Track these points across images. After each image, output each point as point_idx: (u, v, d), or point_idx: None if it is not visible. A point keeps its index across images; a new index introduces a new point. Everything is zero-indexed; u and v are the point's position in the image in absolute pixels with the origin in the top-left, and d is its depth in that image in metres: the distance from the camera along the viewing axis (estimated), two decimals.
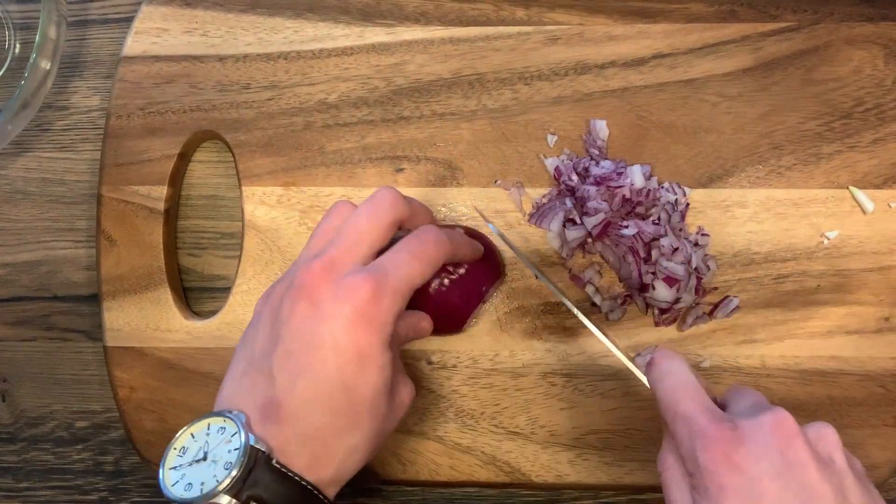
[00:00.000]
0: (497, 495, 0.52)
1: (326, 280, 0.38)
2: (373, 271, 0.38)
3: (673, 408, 0.35)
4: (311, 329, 0.37)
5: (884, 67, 0.51)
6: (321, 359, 0.37)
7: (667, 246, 0.47)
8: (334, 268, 0.38)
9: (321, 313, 0.37)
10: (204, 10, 0.53)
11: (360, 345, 0.37)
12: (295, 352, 0.37)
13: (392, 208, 0.40)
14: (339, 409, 0.37)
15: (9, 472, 0.54)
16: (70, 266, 0.54)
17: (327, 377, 0.37)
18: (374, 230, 0.40)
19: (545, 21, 0.52)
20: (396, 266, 0.39)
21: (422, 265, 0.40)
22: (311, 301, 0.37)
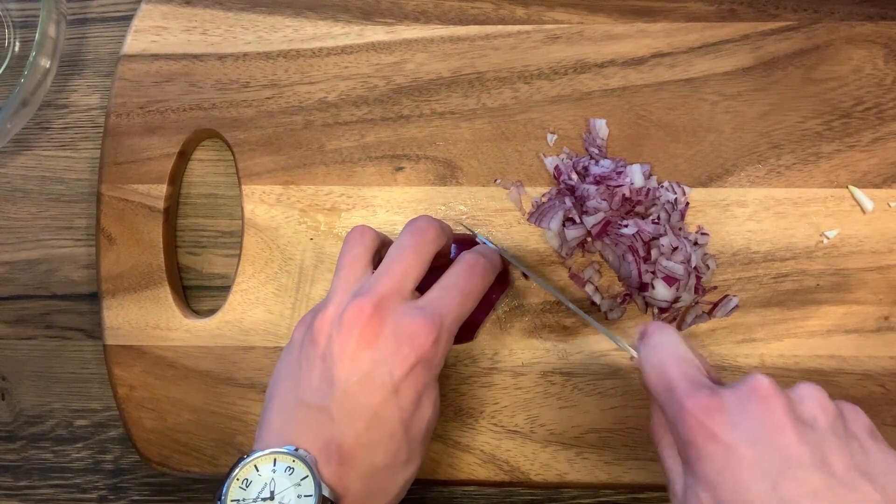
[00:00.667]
0: (496, 494, 0.52)
1: (378, 319, 0.37)
2: (430, 315, 0.38)
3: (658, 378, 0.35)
4: (369, 370, 0.37)
5: (884, 66, 0.51)
6: (384, 401, 0.37)
7: (666, 245, 0.47)
8: (384, 305, 0.38)
9: (378, 355, 0.37)
10: (203, 9, 0.53)
11: (418, 387, 0.38)
12: (354, 394, 0.37)
13: (436, 241, 0.41)
14: (399, 448, 0.38)
15: (8, 471, 0.54)
16: (69, 264, 0.54)
17: (389, 419, 0.37)
18: (420, 264, 0.40)
19: (545, 20, 0.52)
20: (450, 308, 0.39)
21: (471, 301, 0.40)
22: (364, 341, 0.37)
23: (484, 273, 0.41)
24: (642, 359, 0.37)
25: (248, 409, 0.50)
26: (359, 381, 0.37)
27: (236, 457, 0.50)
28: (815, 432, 0.32)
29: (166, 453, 0.50)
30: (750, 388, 0.33)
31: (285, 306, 0.50)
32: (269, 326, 0.50)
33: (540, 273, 0.49)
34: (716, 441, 0.32)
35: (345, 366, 0.37)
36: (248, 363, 0.50)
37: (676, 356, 0.35)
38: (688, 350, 0.36)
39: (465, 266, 0.41)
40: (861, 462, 0.31)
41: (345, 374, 0.37)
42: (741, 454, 0.31)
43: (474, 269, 0.41)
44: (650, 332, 0.37)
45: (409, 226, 0.41)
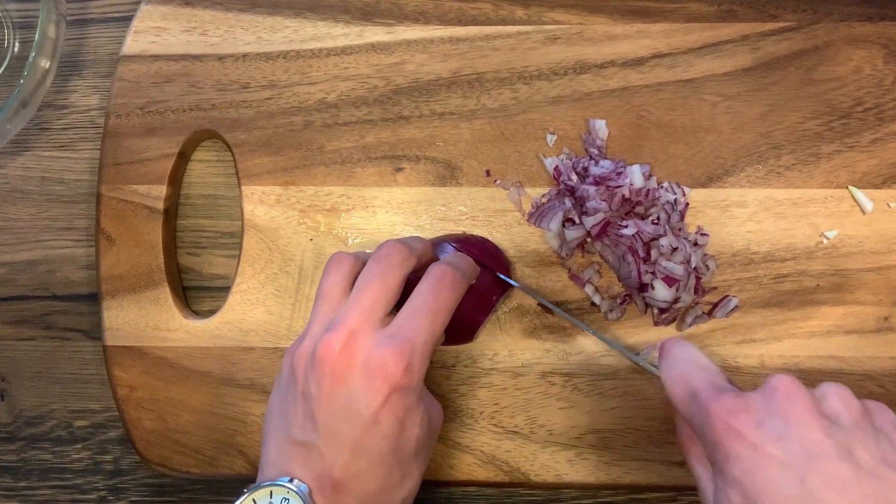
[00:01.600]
0: (496, 494, 0.52)
1: (349, 354, 0.38)
2: (399, 342, 0.38)
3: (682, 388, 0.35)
4: (347, 406, 0.37)
5: (883, 67, 0.51)
6: (365, 433, 0.37)
7: (666, 246, 0.47)
8: (354, 339, 0.38)
9: (353, 390, 0.37)
10: (203, 10, 0.53)
11: (398, 414, 0.38)
12: (336, 429, 0.37)
13: (402, 264, 0.40)
14: (391, 470, 0.38)
15: (8, 472, 0.54)
16: (69, 265, 0.54)
17: (375, 448, 0.38)
18: (388, 291, 0.40)
19: (545, 20, 0.52)
20: (419, 330, 0.38)
21: (443, 315, 0.40)
22: (337, 378, 0.38)
23: (453, 284, 0.40)
24: (664, 372, 0.37)
25: (247, 409, 0.50)
26: (338, 416, 0.38)
27: (236, 457, 0.50)
28: (840, 427, 0.32)
29: (166, 454, 0.50)
30: (773, 388, 0.33)
31: (285, 307, 0.50)
32: (268, 327, 0.50)
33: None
34: (742, 440, 0.32)
35: (322, 403, 0.38)
36: (248, 364, 0.50)
37: (697, 365, 0.36)
38: (707, 359, 0.37)
39: (432, 281, 0.40)
40: (889, 454, 0.32)
41: (324, 412, 0.38)
42: (768, 451, 0.31)
43: (442, 282, 0.40)
44: (669, 346, 0.38)
45: (374, 253, 0.41)
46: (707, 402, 0.33)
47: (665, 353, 0.38)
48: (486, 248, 0.49)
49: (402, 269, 0.40)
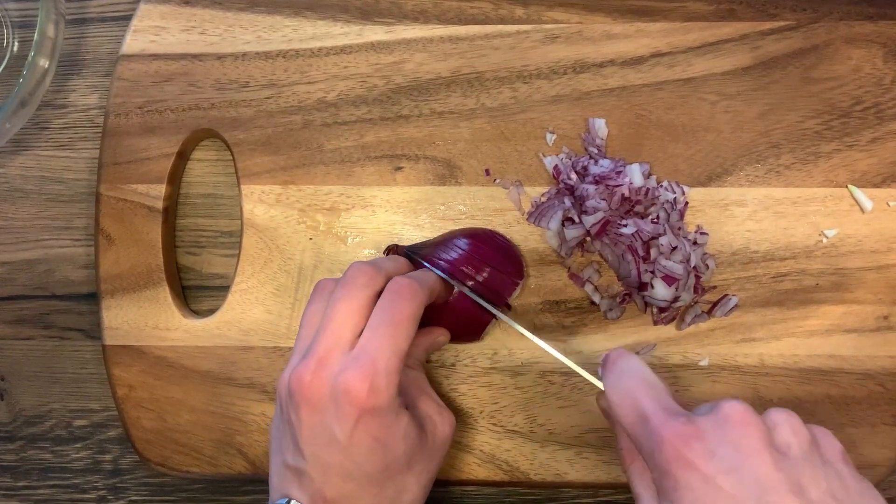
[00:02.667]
0: (496, 494, 0.52)
1: (318, 383, 0.38)
2: (362, 364, 0.38)
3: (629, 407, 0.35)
4: (324, 433, 0.38)
5: (882, 66, 0.51)
6: (346, 457, 0.38)
7: (665, 245, 0.47)
8: (323, 366, 0.38)
9: (327, 418, 0.38)
10: (202, 9, 0.53)
11: (373, 433, 0.38)
12: (319, 455, 0.38)
13: (367, 286, 0.40)
14: (383, 486, 0.39)
15: (7, 471, 0.54)
16: (68, 265, 0.54)
17: (360, 469, 0.38)
18: (352, 315, 0.40)
19: (544, 20, 0.52)
20: (380, 347, 0.38)
21: (404, 329, 0.39)
22: (311, 408, 0.38)
23: (411, 294, 0.40)
24: (609, 388, 0.36)
25: (247, 409, 0.50)
26: (318, 443, 0.38)
27: (235, 457, 0.50)
28: (790, 459, 0.32)
29: (165, 453, 0.50)
30: (725, 415, 0.33)
31: (284, 306, 0.50)
32: (268, 326, 0.50)
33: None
34: (694, 471, 0.32)
35: (303, 432, 0.39)
36: (248, 363, 0.50)
37: (645, 382, 0.35)
38: (654, 375, 0.36)
39: (387, 296, 0.40)
40: (836, 488, 0.32)
41: (305, 440, 0.39)
42: (719, 483, 0.31)
43: (398, 294, 0.40)
44: (613, 359, 0.37)
45: (341, 279, 0.41)
46: (657, 427, 0.33)
47: (609, 367, 0.37)
48: (497, 242, 0.48)
49: (368, 290, 0.40)
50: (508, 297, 0.47)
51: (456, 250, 0.46)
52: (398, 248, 0.48)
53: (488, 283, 0.45)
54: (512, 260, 0.48)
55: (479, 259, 0.45)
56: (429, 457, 0.41)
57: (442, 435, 0.42)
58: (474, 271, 0.45)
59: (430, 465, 0.42)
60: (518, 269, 0.48)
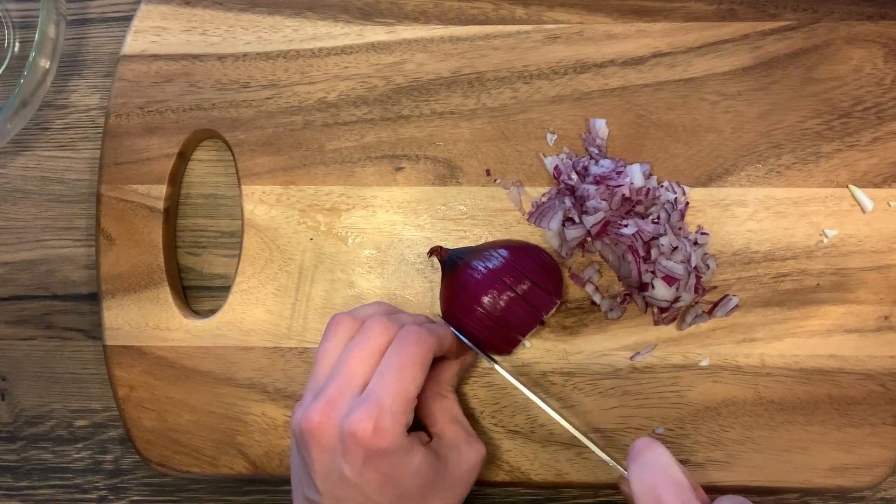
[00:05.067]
0: (497, 494, 0.52)
1: (327, 425, 0.40)
2: (368, 407, 0.39)
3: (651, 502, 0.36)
4: (335, 471, 0.40)
5: (883, 66, 0.51)
6: (357, 490, 0.39)
7: (666, 245, 0.47)
8: (332, 408, 0.40)
9: (335, 457, 0.39)
10: (203, 9, 0.53)
11: (382, 471, 0.39)
12: (332, 492, 0.40)
13: (382, 335, 0.42)
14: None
15: (8, 471, 0.54)
16: (69, 265, 0.54)
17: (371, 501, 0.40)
18: (365, 360, 0.41)
19: (544, 20, 0.52)
20: (387, 390, 0.40)
21: (411, 373, 0.41)
22: (321, 448, 0.40)
23: (417, 339, 0.41)
24: (633, 478, 0.37)
25: (248, 409, 0.50)
26: (331, 481, 0.40)
27: (236, 457, 0.50)
28: None
29: (166, 454, 0.50)
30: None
31: (285, 306, 0.50)
32: (269, 327, 0.50)
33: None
34: None
35: (317, 469, 0.40)
36: (248, 363, 0.50)
37: (670, 479, 0.36)
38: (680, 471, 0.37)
39: (396, 342, 0.42)
40: None
41: (319, 477, 0.40)
42: None
43: (405, 340, 0.41)
44: (640, 448, 0.38)
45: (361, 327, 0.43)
46: None
47: (636, 457, 0.38)
48: (540, 258, 0.47)
49: (381, 339, 0.42)
50: (545, 314, 0.46)
51: (497, 259, 0.45)
52: (442, 251, 0.47)
53: (527, 295, 0.45)
54: (553, 277, 0.47)
55: (519, 271, 0.45)
56: (449, 486, 0.42)
57: (467, 465, 0.43)
58: (514, 282, 0.44)
59: (451, 494, 0.42)
60: (558, 288, 0.47)
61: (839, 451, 0.48)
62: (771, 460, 0.48)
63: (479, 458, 0.44)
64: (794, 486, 0.48)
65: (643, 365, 0.49)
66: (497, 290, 0.44)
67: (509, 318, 0.44)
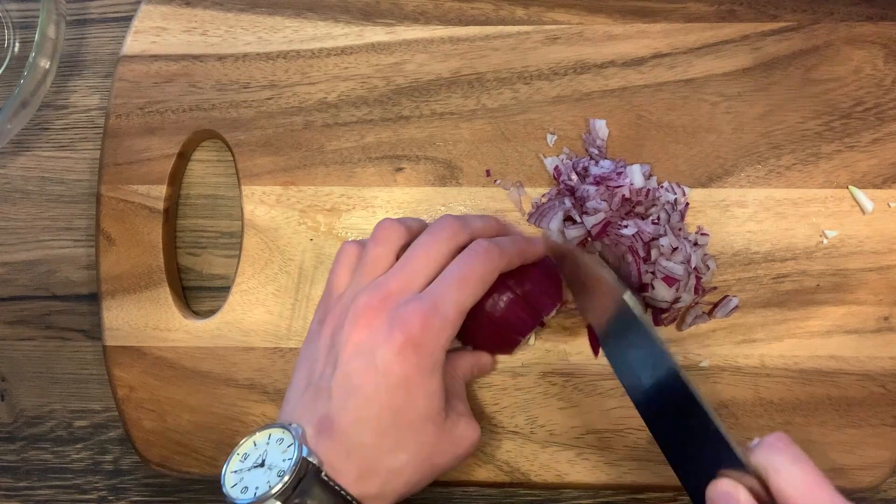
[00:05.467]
0: (496, 494, 0.52)
1: (383, 309, 0.40)
2: (424, 300, 0.40)
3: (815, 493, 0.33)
4: (366, 354, 0.40)
5: (883, 67, 0.51)
6: (373, 382, 0.39)
7: (666, 245, 0.47)
8: (391, 298, 0.40)
9: (376, 340, 0.40)
10: (203, 10, 0.53)
11: (407, 371, 0.39)
12: (351, 374, 0.40)
13: (450, 240, 0.42)
14: (385, 429, 0.39)
15: (8, 472, 0.54)
16: (69, 265, 0.54)
17: (377, 399, 0.39)
18: (430, 263, 0.42)
19: (545, 20, 0.52)
20: (445, 293, 0.40)
21: (471, 287, 0.41)
22: (368, 329, 0.40)
23: (487, 256, 0.42)
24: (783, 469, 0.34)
25: (247, 409, 0.50)
26: (356, 363, 0.40)
27: None
28: None
29: (166, 454, 0.50)
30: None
31: (285, 307, 0.50)
32: (269, 327, 0.50)
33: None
34: None
35: (347, 350, 0.40)
36: (248, 364, 0.50)
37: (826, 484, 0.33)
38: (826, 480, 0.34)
39: (465, 253, 0.42)
40: None
41: (346, 358, 0.40)
42: None
43: (475, 254, 0.42)
44: (783, 445, 0.35)
45: (430, 226, 0.43)
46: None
47: (781, 447, 0.34)
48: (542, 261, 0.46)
49: (450, 244, 0.42)
50: (545, 315, 0.47)
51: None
52: None
53: (527, 297, 0.45)
54: (553, 279, 0.46)
55: (521, 273, 0.44)
56: (438, 440, 0.41)
57: (463, 432, 0.42)
58: (514, 283, 0.44)
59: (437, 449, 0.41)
60: (558, 290, 0.47)
61: (839, 451, 0.48)
62: None
63: (474, 436, 0.43)
64: None
65: None
66: (497, 291, 0.44)
67: (509, 319, 0.44)
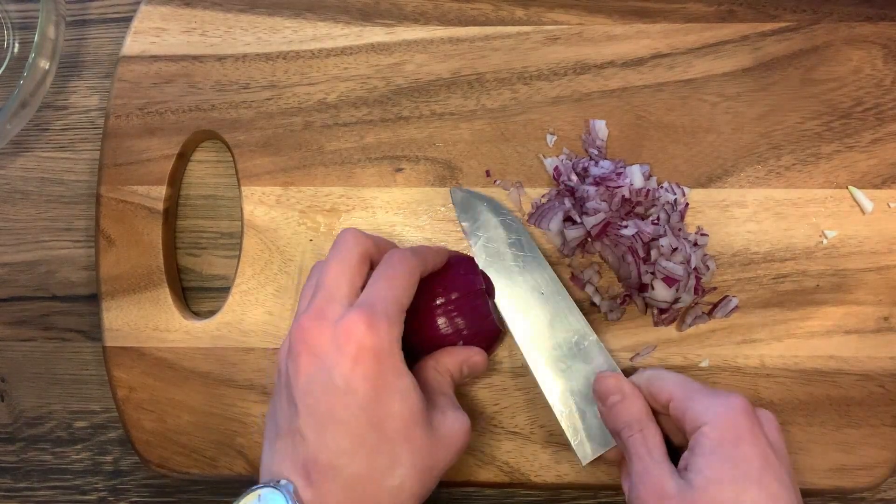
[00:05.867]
0: (496, 495, 0.52)
1: (319, 328, 0.39)
2: (359, 306, 0.39)
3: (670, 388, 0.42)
4: (323, 379, 0.38)
5: (883, 67, 0.51)
6: (341, 403, 0.37)
7: (666, 246, 0.47)
8: (323, 315, 0.39)
9: (326, 362, 0.38)
10: (203, 10, 0.53)
11: (372, 379, 0.37)
12: (314, 406, 0.38)
13: (355, 244, 0.42)
14: (373, 448, 0.37)
15: (8, 472, 0.54)
16: (69, 266, 0.54)
17: (353, 420, 0.37)
18: (347, 269, 0.41)
19: (544, 21, 0.52)
20: (379, 296, 0.40)
21: (401, 282, 0.41)
22: (311, 354, 0.38)
23: (403, 256, 0.42)
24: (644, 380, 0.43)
25: (247, 410, 0.50)
26: (315, 392, 0.38)
27: (236, 458, 0.50)
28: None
29: (166, 455, 0.50)
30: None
31: (285, 307, 0.50)
32: (268, 328, 0.50)
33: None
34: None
35: (300, 382, 0.38)
36: (248, 364, 0.50)
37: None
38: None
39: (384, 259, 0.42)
40: None
41: (301, 391, 0.38)
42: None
43: (390, 256, 0.42)
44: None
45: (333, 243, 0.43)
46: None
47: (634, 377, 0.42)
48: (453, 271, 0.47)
49: (357, 248, 0.42)
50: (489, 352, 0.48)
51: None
52: None
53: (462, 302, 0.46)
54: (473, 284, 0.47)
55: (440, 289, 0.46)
56: (432, 442, 0.39)
57: (451, 428, 0.41)
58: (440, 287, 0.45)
59: (433, 450, 0.39)
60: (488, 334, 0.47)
61: (839, 451, 0.48)
62: None
63: (463, 427, 0.41)
64: None
65: (643, 366, 0.49)
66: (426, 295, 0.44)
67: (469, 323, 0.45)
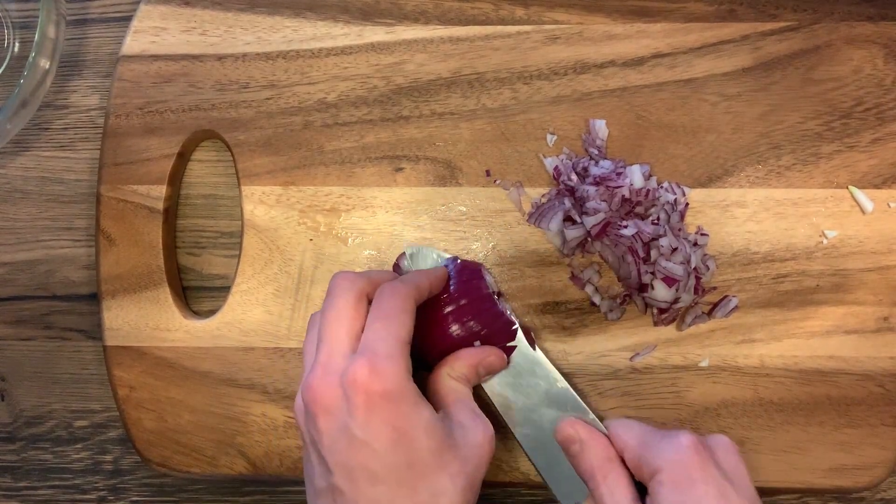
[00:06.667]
0: (496, 494, 0.52)
1: (327, 386, 0.39)
2: (361, 355, 0.39)
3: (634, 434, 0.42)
4: (343, 434, 0.38)
5: (883, 67, 0.51)
6: (369, 456, 0.37)
7: (666, 246, 0.47)
8: (328, 371, 0.39)
9: (341, 417, 0.38)
10: (203, 10, 0.53)
11: (390, 423, 0.38)
12: (345, 463, 0.38)
13: (348, 288, 0.41)
14: (412, 487, 0.38)
15: (8, 472, 0.54)
16: (69, 265, 0.54)
17: (385, 468, 0.37)
18: (344, 318, 0.40)
19: (544, 20, 0.52)
20: (377, 337, 0.39)
21: (395, 319, 0.40)
22: (326, 413, 0.38)
23: (394, 290, 0.41)
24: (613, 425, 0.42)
25: (247, 409, 0.50)
26: (340, 449, 0.38)
27: (236, 457, 0.50)
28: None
29: (166, 454, 0.50)
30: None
31: (285, 307, 0.50)
32: (268, 327, 0.50)
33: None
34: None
35: (325, 443, 0.38)
36: (248, 364, 0.50)
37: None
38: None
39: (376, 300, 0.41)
40: None
41: (328, 450, 0.38)
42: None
43: (382, 292, 0.41)
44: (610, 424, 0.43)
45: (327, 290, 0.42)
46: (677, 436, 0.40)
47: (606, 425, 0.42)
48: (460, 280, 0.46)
49: (351, 293, 0.41)
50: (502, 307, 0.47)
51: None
52: None
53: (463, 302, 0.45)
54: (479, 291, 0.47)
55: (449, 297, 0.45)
56: (462, 459, 0.40)
57: (474, 440, 0.41)
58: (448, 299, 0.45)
59: (466, 467, 0.40)
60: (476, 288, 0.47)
61: (838, 451, 0.48)
62: (770, 461, 0.48)
63: (485, 434, 0.41)
64: (793, 487, 0.48)
65: (643, 366, 0.49)
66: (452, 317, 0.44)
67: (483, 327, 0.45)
